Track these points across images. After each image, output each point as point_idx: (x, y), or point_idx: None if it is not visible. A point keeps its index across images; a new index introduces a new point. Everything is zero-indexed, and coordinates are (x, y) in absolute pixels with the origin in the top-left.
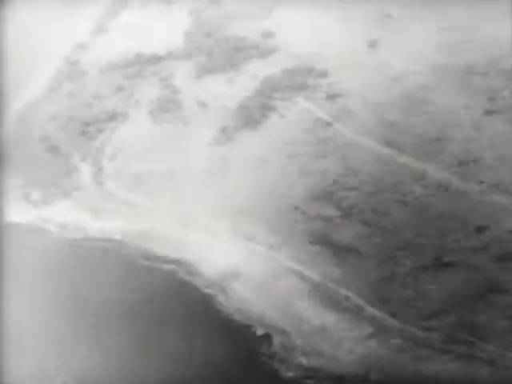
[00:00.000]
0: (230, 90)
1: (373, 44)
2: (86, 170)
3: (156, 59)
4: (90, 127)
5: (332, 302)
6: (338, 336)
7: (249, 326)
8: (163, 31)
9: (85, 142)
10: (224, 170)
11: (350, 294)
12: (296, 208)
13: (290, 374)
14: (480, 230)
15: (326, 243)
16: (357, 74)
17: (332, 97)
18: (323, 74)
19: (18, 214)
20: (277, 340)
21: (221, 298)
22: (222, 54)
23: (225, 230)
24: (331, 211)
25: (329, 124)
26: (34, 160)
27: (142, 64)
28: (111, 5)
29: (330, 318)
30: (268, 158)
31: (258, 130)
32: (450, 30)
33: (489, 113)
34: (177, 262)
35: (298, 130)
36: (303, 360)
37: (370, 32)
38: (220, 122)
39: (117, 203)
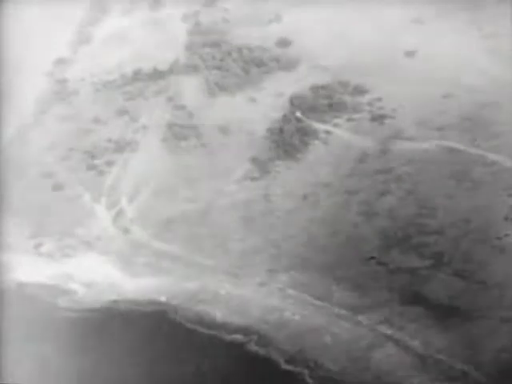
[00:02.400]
0: (254, 111)
1: (410, 54)
2: (103, 214)
3: (157, 75)
4: (96, 159)
5: (448, 379)
6: None
7: None
8: (156, 41)
9: (94, 177)
10: (267, 211)
11: (467, 369)
12: (371, 258)
13: None
14: None
15: (420, 302)
16: (401, 90)
17: (378, 118)
18: (362, 91)
19: (30, 270)
20: None
21: (306, 377)
22: (236, 67)
23: (287, 287)
24: (415, 261)
25: (382, 152)
26: (39, 202)
27: (141, 81)
28: (90, 12)
29: None
30: (319, 196)
31: (300, 160)
32: (494, 36)
33: None
34: (243, 330)
35: (348, 160)
36: None
37: (403, 39)
38: (248, 150)
39: (151, 255)
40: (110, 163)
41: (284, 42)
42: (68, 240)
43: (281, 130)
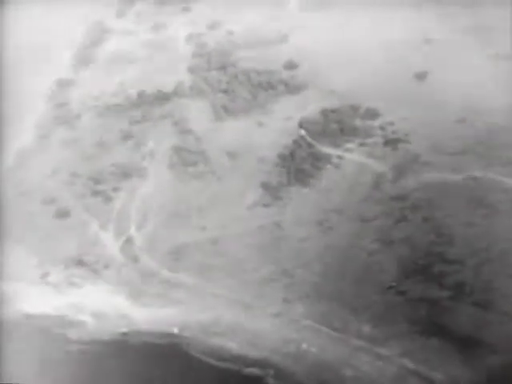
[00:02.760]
0: (263, 135)
1: (421, 76)
2: (111, 242)
3: (162, 97)
4: (101, 185)
5: None
6: None
7: None
8: (160, 62)
9: (100, 204)
10: (280, 238)
11: None
12: (390, 287)
13: None
14: None
15: (441, 333)
16: (414, 114)
17: (392, 143)
18: (373, 114)
19: (37, 301)
20: None
21: None
22: (243, 91)
23: (303, 318)
24: (435, 291)
25: (397, 178)
26: (44, 230)
27: (146, 105)
28: (90, 31)
29: None
30: (333, 223)
31: (312, 186)
32: (507, 57)
33: None
34: (259, 363)
35: (362, 186)
36: None
37: (414, 60)
38: (259, 176)
39: (163, 285)
40: (116, 189)
41: (291, 65)
42: (75, 269)
43: (292, 155)
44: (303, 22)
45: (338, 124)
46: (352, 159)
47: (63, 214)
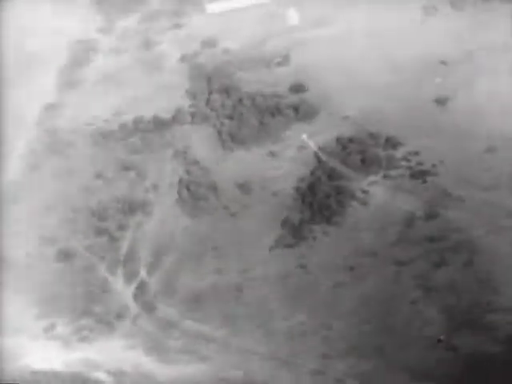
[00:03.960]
0: (276, 167)
1: (441, 101)
2: (122, 288)
3: (160, 124)
4: (104, 222)
5: None
6: None
7: None
8: (154, 84)
9: (106, 244)
10: (309, 285)
11: None
12: (439, 341)
13: None
14: None
15: None
16: (438, 143)
17: (419, 175)
18: (395, 144)
19: (43, 356)
20: None
21: None
22: (250, 116)
23: (346, 376)
24: (488, 345)
25: (430, 215)
26: (45, 275)
27: (144, 132)
28: (74, 49)
29: None
30: (366, 267)
31: (338, 224)
32: None
33: None
34: None
35: (393, 224)
36: None
37: (430, 84)
38: (277, 213)
39: (183, 338)
40: (121, 227)
41: (299, 88)
42: (84, 320)
43: (311, 190)
44: (303, 38)
45: (359, 154)
46: (378, 194)
47: (65, 256)
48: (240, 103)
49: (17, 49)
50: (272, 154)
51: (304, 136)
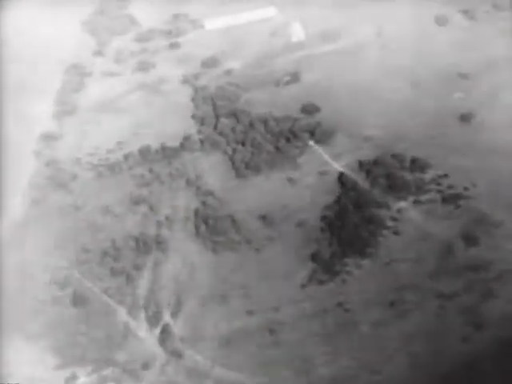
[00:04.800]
0: (297, 195)
1: (466, 118)
2: (145, 333)
3: (168, 153)
4: (118, 262)
5: None
6: None
7: None
8: (157, 110)
9: (123, 285)
10: (349, 324)
11: None
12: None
13: None
14: None
15: None
16: (468, 164)
17: (451, 200)
18: (423, 166)
19: None
20: None
21: None
22: (263, 141)
23: None
24: None
25: (469, 243)
26: (61, 321)
27: (151, 162)
28: (68, 74)
29: None
30: (407, 302)
31: (372, 256)
32: None
33: None
34: None
35: (429, 254)
36: None
37: (452, 99)
38: (306, 245)
39: None
40: (138, 266)
41: (311, 108)
42: (107, 370)
43: (339, 219)
44: (311, 54)
45: (385, 179)
46: (410, 221)
47: (81, 300)
48: (251, 127)
49: (7, 74)
50: (291, 181)
51: (311, 142)
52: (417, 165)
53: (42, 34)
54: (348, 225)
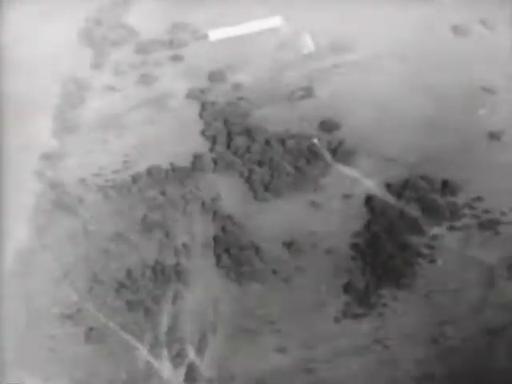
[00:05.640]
0: (322, 220)
1: (495, 136)
2: (170, 374)
3: (180, 173)
4: (135, 294)
5: None
6: None
7: None
8: (163, 126)
9: (142, 320)
10: (391, 363)
11: None
12: None
13: None
14: None
15: None
16: (501, 185)
17: (489, 226)
18: (454, 189)
19: None
20: None
21: None
22: (282, 162)
23: None
24: None
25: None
26: (75, 361)
27: (162, 183)
28: (66, 89)
29: None
30: (451, 338)
31: (409, 288)
32: None
33: None
34: None
35: (471, 285)
36: None
37: (478, 115)
38: (337, 275)
39: None
40: (156, 299)
41: (330, 125)
42: None
43: (371, 247)
44: (324, 66)
45: (416, 203)
46: (446, 249)
47: (97, 336)
48: (268, 146)
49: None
50: (315, 205)
51: (315, 140)
52: (448, 187)
53: (36, 45)
54: (381, 253)
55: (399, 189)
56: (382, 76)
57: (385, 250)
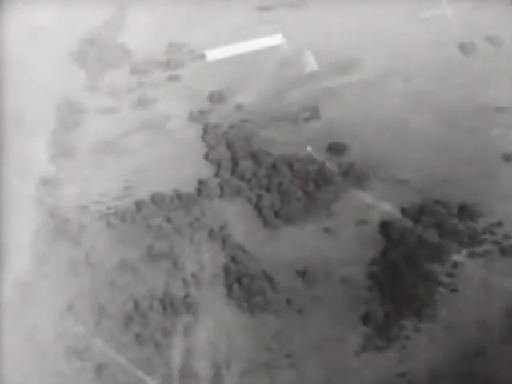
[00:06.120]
0: (336, 247)
1: (510, 158)
2: None
3: (184, 200)
4: (144, 327)
5: None
6: None
7: None
8: (164, 151)
9: (153, 355)
10: None
11: None
12: None
13: None
14: None
15: None
16: None
17: (511, 251)
18: (472, 213)
19: None
20: None
21: None
22: (291, 186)
23: None
24: None
25: None
26: None
27: (167, 210)
28: (61, 112)
29: None
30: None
31: (431, 318)
32: None
33: None
34: None
35: (494, 314)
36: None
37: (492, 136)
38: (355, 306)
39: None
40: (166, 332)
41: (338, 148)
42: None
43: (389, 276)
44: (329, 86)
45: (434, 228)
46: (467, 277)
47: (106, 373)
48: (275, 170)
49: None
50: (328, 232)
51: (309, 149)
52: (466, 212)
53: (27, 66)
54: (400, 282)
55: (415, 214)
56: (388, 96)
57: (404, 278)
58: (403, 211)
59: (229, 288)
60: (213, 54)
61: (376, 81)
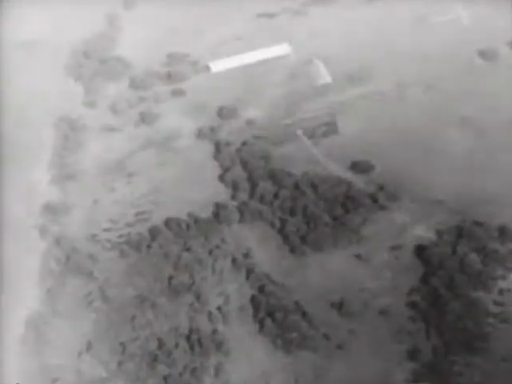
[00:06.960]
0: (370, 275)
1: None
2: None
3: (202, 226)
4: (173, 368)
5: None
6: None
7: None
8: (174, 172)
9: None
10: None
11: None
12: None
13: None
14: None
15: None
16: None
17: None
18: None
19: None
20: None
21: None
22: (317, 211)
23: None
24: None
25: None
26: None
27: (184, 238)
28: (60, 131)
29: None
30: None
31: (481, 352)
32: None
33: None
34: None
35: None
36: None
37: None
38: (398, 340)
39: None
40: (196, 374)
41: (363, 166)
42: None
43: (433, 306)
44: (344, 99)
45: (475, 253)
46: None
47: None
48: (298, 192)
49: None
50: (360, 258)
51: (299, 132)
52: (506, 235)
53: (22, 80)
54: (445, 313)
55: (453, 237)
56: (408, 108)
57: (448, 308)
58: (439, 234)
59: (260, 323)
60: (217, 66)
61: (393, 92)
